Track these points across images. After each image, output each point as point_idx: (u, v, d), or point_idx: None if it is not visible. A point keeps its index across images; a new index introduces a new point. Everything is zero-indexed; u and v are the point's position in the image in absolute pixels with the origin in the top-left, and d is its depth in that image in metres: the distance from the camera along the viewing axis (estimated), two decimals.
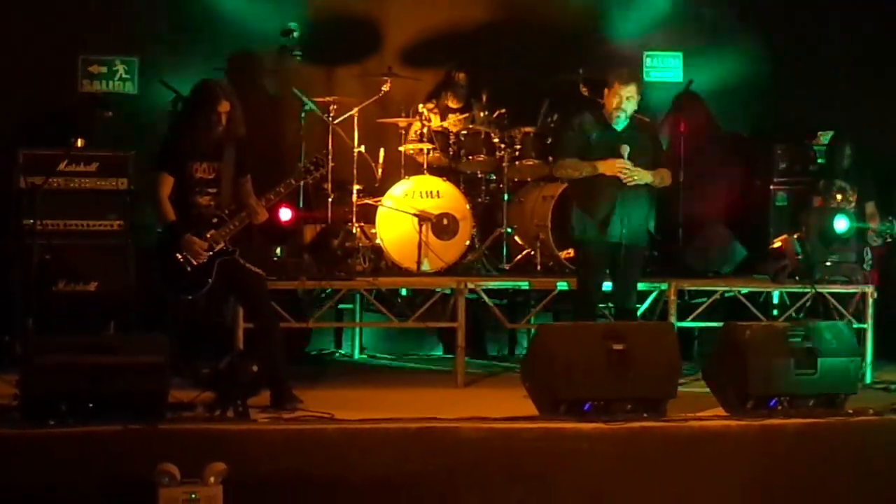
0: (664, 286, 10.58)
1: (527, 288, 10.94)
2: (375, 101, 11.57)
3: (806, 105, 12.65)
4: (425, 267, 10.96)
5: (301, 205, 11.42)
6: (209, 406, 8.13)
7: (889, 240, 11.11)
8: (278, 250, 11.17)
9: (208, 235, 8.64)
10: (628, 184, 9.47)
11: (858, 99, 12.43)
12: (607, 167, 9.50)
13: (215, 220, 8.69)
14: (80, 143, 10.41)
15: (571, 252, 10.49)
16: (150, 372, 7.84)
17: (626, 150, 9.47)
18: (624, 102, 9.55)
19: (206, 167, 8.75)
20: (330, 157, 11.00)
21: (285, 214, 11.05)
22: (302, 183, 10.01)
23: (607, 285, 9.76)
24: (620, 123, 9.61)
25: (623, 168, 9.46)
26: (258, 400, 8.40)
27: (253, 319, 9.06)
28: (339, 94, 11.64)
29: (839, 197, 11.22)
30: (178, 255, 8.62)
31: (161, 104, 11.28)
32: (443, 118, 11.81)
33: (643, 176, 9.52)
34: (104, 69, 11.72)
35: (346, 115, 11.36)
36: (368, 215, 11.23)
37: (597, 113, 9.77)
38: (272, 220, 10.37)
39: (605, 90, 9.68)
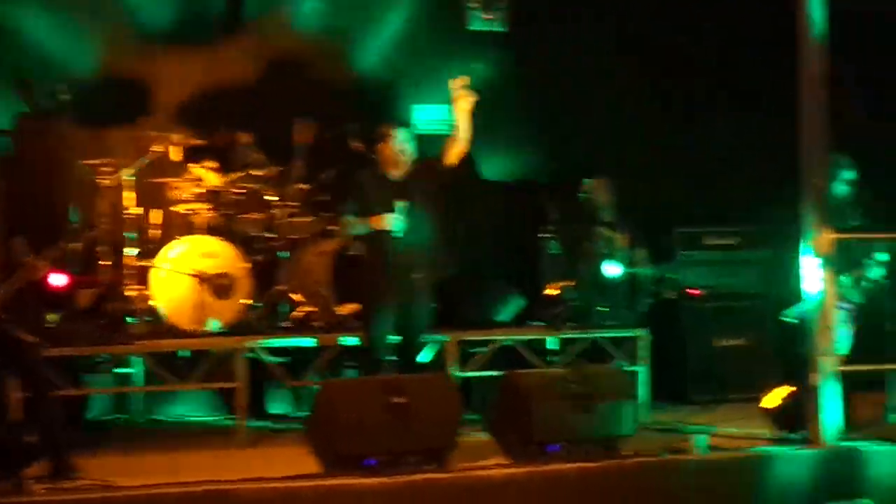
0: (446, 338, 10.70)
1: (308, 346, 10.94)
2: (150, 162, 11.45)
3: (575, 153, 12.95)
4: (205, 327, 10.86)
5: (75, 269, 11.22)
6: None
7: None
8: (52, 316, 10.96)
9: None
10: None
11: (625, 145, 12.81)
12: (378, 223, 9.61)
13: None
14: None
15: (351, 307, 10.51)
16: None
17: (400, 205, 9.57)
18: (402, 148, 9.67)
19: None
20: (103, 220, 10.87)
21: (59, 280, 10.84)
22: (76, 247, 9.84)
23: (394, 338, 9.84)
24: (399, 172, 9.70)
25: (394, 223, 9.56)
26: (36, 471, 8.20)
27: (28, 388, 8.86)
28: (111, 155, 11.44)
29: (604, 244, 11.51)
30: None
31: None
32: (220, 177, 11.72)
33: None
34: None
35: (118, 177, 11.22)
36: (145, 278, 11.10)
37: (374, 168, 9.85)
38: (45, 286, 10.20)
39: (380, 144, 9.78)
